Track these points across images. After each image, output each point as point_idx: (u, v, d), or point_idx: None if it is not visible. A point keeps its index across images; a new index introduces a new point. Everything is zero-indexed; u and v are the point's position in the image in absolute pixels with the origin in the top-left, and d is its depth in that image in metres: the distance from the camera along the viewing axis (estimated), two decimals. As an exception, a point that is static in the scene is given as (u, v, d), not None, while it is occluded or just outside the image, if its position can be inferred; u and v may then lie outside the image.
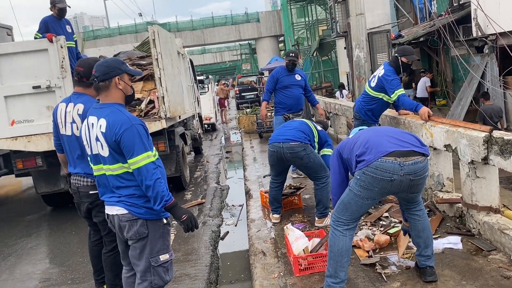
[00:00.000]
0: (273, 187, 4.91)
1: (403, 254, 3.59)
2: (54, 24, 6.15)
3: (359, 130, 3.64)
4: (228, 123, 20.45)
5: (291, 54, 6.52)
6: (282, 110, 6.49)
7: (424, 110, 4.63)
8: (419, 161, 2.88)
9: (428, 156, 2.97)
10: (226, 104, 21.57)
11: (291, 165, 5.18)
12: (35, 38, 6.13)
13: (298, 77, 6.50)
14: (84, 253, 5.00)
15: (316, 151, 4.71)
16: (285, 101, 6.45)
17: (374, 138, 2.99)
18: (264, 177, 7.16)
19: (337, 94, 16.58)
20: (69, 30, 6.34)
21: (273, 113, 7.09)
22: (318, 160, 4.62)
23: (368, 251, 3.77)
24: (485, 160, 3.59)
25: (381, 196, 3.05)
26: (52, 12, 6.23)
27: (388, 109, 5.67)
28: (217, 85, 22.64)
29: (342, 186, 3.22)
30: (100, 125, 2.56)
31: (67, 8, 6.23)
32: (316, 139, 4.73)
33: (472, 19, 10.33)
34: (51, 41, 6.01)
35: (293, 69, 6.48)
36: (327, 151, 4.80)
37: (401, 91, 4.90)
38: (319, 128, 4.87)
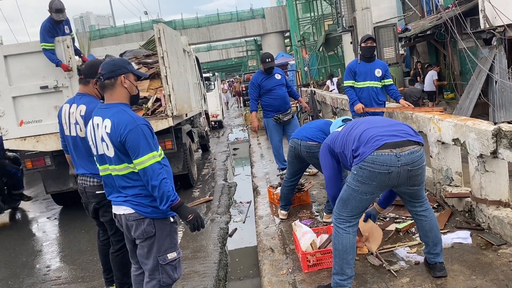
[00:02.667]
0: (285, 186, 4.89)
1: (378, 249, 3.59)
2: (54, 28, 6.15)
3: (343, 120, 3.61)
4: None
5: (267, 60, 6.30)
6: (271, 112, 6.43)
7: (358, 106, 5.63)
8: (415, 151, 2.84)
9: (423, 145, 2.93)
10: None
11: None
12: (45, 49, 6.04)
13: (278, 77, 6.42)
14: (94, 251, 5.03)
15: None
16: (272, 103, 6.39)
17: (367, 131, 2.93)
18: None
19: (328, 82, 16.92)
20: (67, 31, 6.32)
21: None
22: None
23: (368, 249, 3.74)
24: (494, 153, 3.55)
25: (380, 190, 3.00)
26: (50, 15, 6.19)
27: (394, 104, 5.72)
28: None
29: (337, 180, 3.23)
30: (105, 126, 2.56)
31: (64, 18, 6.17)
32: None
33: (480, 11, 10.22)
34: (66, 70, 6.09)
35: (271, 71, 6.40)
36: None
37: (345, 83, 5.89)
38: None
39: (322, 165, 3.34)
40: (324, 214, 4.70)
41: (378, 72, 5.69)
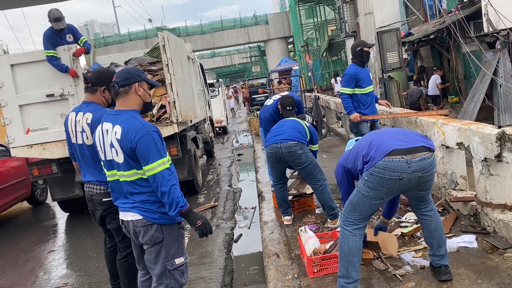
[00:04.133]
0: (277, 189, 4.95)
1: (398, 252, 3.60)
2: (54, 36, 6.22)
3: (356, 140, 3.65)
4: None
5: (288, 108, 5.21)
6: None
7: (355, 115, 5.69)
8: (426, 157, 2.85)
9: (434, 151, 2.95)
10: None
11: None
12: (48, 56, 6.09)
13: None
14: (100, 258, 5.06)
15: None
16: None
17: (378, 139, 2.97)
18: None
19: (332, 81, 17.00)
20: (70, 39, 6.38)
21: None
22: (315, 161, 4.69)
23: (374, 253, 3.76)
24: (499, 157, 3.55)
25: (390, 196, 3.02)
26: (48, 30, 6.22)
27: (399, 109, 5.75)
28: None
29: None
30: (115, 132, 2.60)
31: (63, 26, 6.20)
32: (308, 137, 4.77)
33: (483, 15, 10.21)
34: (74, 76, 6.17)
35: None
36: (314, 147, 4.92)
37: (342, 89, 5.83)
38: (308, 124, 4.94)
39: (339, 184, 3.39)
40: (329, 220, 4.70)
41: (371, 77, 5.91)
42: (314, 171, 4.62)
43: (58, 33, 6.23)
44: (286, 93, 5.97)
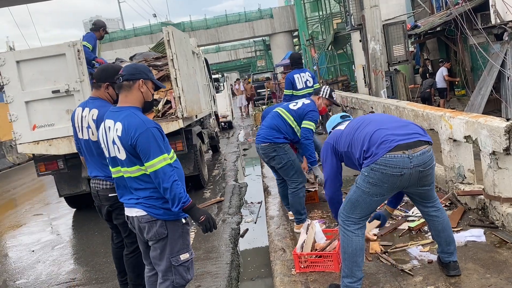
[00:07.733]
0: (278, 184, 4.95)
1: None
2: (95, 42, 6.77)
3: (341, 116, 3.48)
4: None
5: None
6: None
7: None
8: (426, 151, 2.81)
9: (432, 144, 2.90)
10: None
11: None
12: (85, 46, 6.46)
13: None
14: (107, 253, 5.09)
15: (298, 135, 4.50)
16: None
17: (379, 132, 2.87)
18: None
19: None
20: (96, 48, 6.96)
21: None
22: (291, 164, 4.46)
23: (381, 245, 3.74)
24: (507, 150, 3.51)
25: (391, 192, 2.95)
26: (95, 33, 6.77)
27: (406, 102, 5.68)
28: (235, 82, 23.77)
29: (336, 180, 3.21)
30: (117, 129, 2.60)
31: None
32: (293, 124, 4.48)
33: (490, 6, 10.10)
34: (100, 62, 6.51)
35: None
36: (306, 123, 4.48)
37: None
38: (295, 108, 4.55)
39: (323, 164, 3.29)
40: (295, 224, 4.67)
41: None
42: (289, 173, 4.48)
43: (99, 40, 6.93)
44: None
